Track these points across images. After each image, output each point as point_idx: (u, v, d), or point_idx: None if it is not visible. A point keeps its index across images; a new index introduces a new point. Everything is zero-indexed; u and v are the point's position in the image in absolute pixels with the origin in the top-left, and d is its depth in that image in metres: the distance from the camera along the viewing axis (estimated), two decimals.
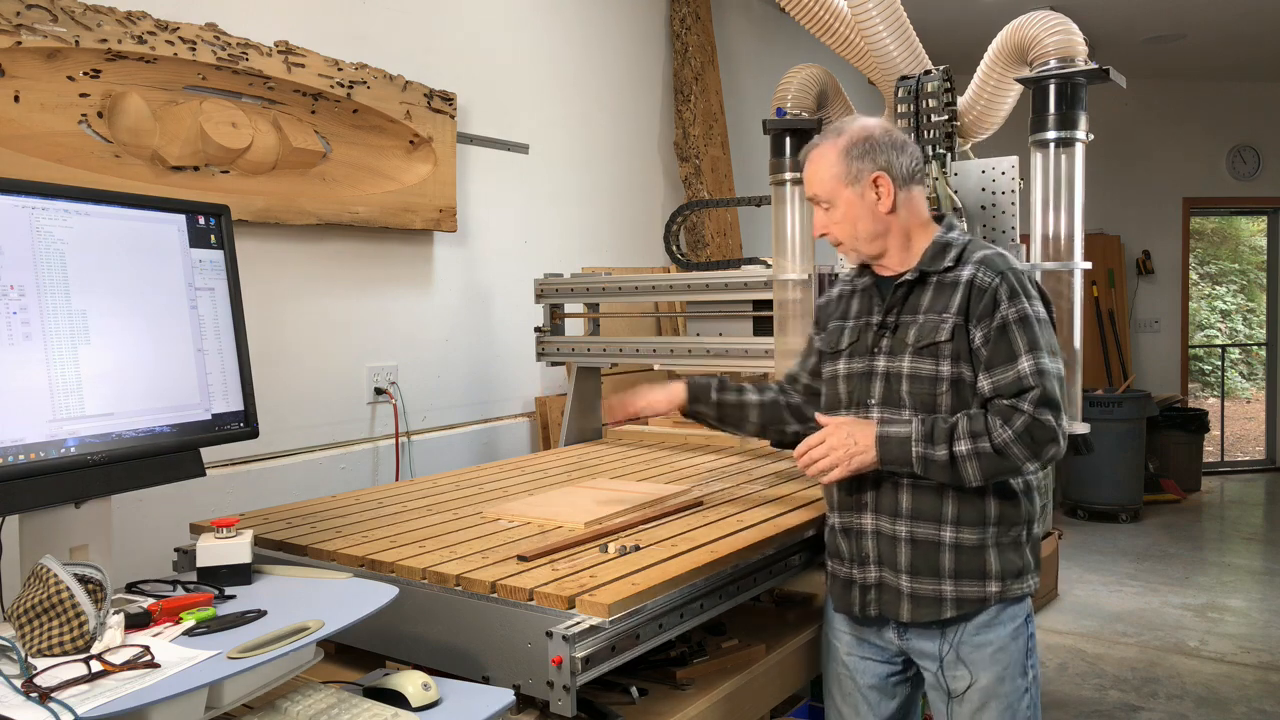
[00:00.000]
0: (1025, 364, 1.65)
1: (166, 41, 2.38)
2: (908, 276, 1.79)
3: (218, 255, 1.64)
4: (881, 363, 1.79)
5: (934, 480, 1.71)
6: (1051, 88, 2.31)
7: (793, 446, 1.84)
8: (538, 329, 3.25)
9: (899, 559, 1.75)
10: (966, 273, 1.74)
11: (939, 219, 1.85)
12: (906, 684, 1.89)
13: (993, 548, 1.73)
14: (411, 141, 3.06)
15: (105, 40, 2.26)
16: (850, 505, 1.82)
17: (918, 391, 1.73)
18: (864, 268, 1.91)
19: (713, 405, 2.05)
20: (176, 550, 1.92)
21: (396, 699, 1.34)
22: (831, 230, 1.80)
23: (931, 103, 2.46)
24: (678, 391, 2.07)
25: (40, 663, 1.18)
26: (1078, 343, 2.39)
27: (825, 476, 1.76)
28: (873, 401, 1.79)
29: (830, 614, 1.93)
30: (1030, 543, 1.78)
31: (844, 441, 1.73)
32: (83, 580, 1.27)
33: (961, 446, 1.64)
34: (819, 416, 1.83)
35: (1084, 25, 2.47)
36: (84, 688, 1.11)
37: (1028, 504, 1.77)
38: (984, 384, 1.69)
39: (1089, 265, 2.38)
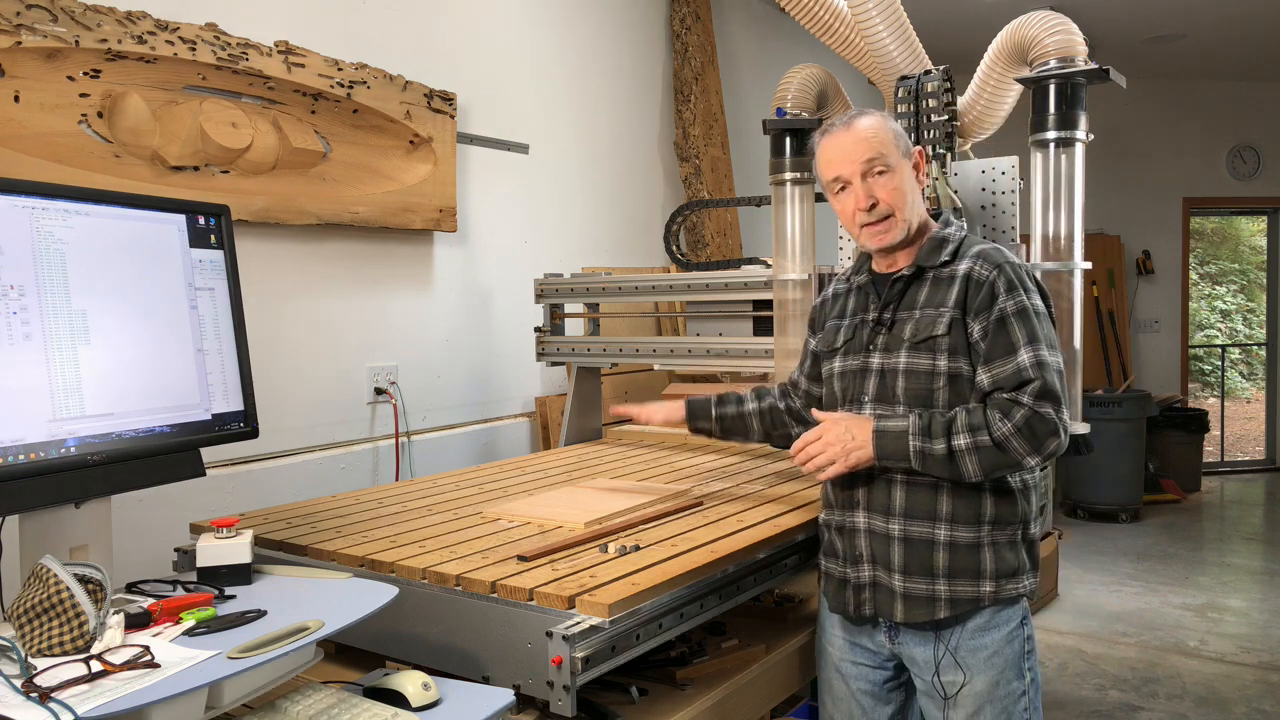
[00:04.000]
0: (1025, 356, 1.63)
1: (166, 41, 2.38)
2: (904, 272, 1.77)
3: (218, 255, 1.64)
4: (876, 359, 1.78)
5: (931, 476, 1.68)
6: (1051, 88, 2.31)
7: None
8: (538, 329, 3.25)
9: (892, 558, 1.72)
10: (964, 266, 1.72)
11: (935, 215, 1.85)
12: (900, 690, 1.86)
13: (988, 547, 1.70)
14: (411, 141, 3.06)
15: (105, 40, 2.26)
16: (843, 503, 1.80)
17: (913, 387, 1.72)
18: (860, 266, 1.90)
19: (714, 420, 2.11)
20: (176, 550, 1.92)
21: (396, 699, 1.34)
22: (888, 197, 1.74)
23: (931, 103, 2.46)
24: (675, 410, 2.15)
25: (40, 663, 1.18)
26: (1078, 343, 2.39)
27: (822, 473, 1.75)
28: (866, 398, 1.77)
29: (823, 617, 1.91)
30: (1026, 543, 1.75)
31: (841, 437, 1.71)
32: (83, 580, 1.27)
33: (960, 441, 1.62)
34: (815, 413, 1.82)
35: (1084, 25, 2.47)
36: (84, 688, 1.11)
37: (1024, 503, 1.74)
38: (983, 377, 1.67)
39: (1089, 265, 2.38)
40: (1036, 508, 1.78)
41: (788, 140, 2.64)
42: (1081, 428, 2.27)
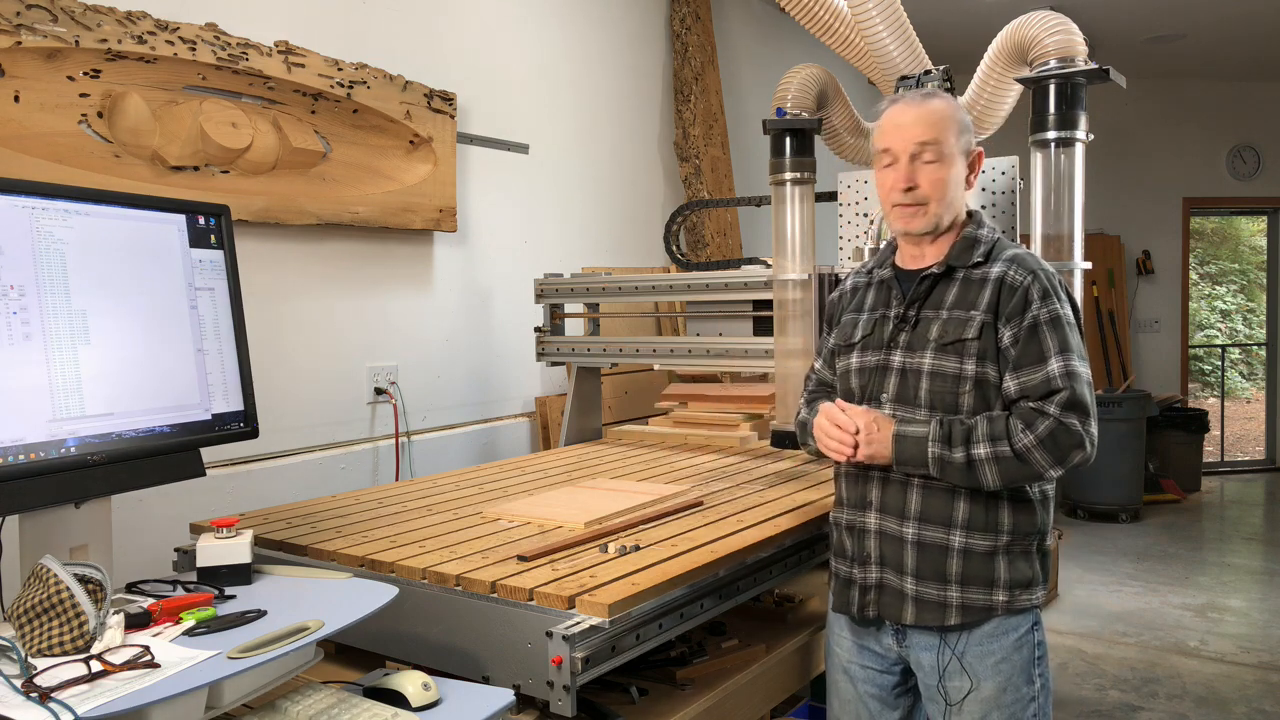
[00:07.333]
0: (1055, 365, 1.60)
1: (166, 41, 2.38)
2: (934, 270, 1.72)
3: (218, 255, 1.64)
4: (898, 358, 1.72)
5: (949, 482, 1.65)
6: (1051, 88, 2.31)
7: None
8: (538, 329, 3.25)
9: (905, 561, 1.68)
10: (997, 270, 1.68)
11: (969, 214, 1.78)
12: (908, 695, 1.81)
13: (1003, 555, 1.66)
14: (411, 141, 3.06)
15: (105, 40, 2.26)
16: (855, 502, 1.76)
17: (938, 390, 1.66)
18: (884, 259, 1.83)
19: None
20: (176, 550, 1.92)
21: (396, 699, 1.34)
22: (928, 186, 1.68)
23: None
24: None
25: (40, 663, 1.18)
26: None
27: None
28: (886, 397, 1.72)
29: (832, 617, 1.86)
30: (1040, 554, 1.72)
31: (867, 427, 1.66)
32: (83, 580, 1.27)
33: (980, 450, 1.59)
34: (839, 403, 1.73)
35: (1084, 25, 2.47)
36: (84, 688, 1.11)
37: (1043, 514, 1.71)
38: (1010, 385, 1.63)
39: (1089, 265, 2.38)
40: (1052, 518, 1.75)
41: (788, 140, 2.63)
42: None
